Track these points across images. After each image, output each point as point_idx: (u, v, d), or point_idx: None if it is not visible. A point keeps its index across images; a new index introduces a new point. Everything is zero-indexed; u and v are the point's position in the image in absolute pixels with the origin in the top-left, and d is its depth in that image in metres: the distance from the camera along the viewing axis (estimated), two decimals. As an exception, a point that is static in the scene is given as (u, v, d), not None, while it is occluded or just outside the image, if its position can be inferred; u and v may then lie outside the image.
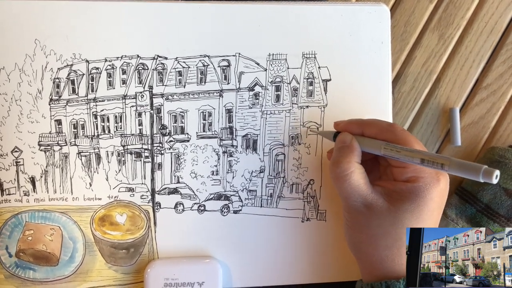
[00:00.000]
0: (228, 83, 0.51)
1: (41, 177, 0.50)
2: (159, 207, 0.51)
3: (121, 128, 0.51)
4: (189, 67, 0.51)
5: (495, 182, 0.36)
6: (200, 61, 0.51)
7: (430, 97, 0.59)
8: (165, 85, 0.51)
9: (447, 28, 0.59)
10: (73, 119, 0.50)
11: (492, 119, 0.58)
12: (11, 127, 0.49)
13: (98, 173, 0.51)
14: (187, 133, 0.51)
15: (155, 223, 0.51)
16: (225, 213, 0.52)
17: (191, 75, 0.51)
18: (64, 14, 0.49)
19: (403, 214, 0.42)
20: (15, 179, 0.50)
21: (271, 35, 0.51)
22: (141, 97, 0.51)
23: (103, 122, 0.51)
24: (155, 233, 0.51)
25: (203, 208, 0.52)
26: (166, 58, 0.51)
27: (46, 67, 0.49)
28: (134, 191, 0.51)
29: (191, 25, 0.51)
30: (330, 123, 0.52)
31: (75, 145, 0.50)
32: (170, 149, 0.51)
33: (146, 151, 0.51)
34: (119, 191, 0.51)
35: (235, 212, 0.52)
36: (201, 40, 0.51)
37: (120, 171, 0.51)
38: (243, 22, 0.51)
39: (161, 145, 0.51)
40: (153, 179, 0.51)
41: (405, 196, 0.43)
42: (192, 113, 0.51)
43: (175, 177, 0.51)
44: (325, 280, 0.53)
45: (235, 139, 0.52)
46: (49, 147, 0.50)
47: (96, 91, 0.50)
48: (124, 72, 0.50)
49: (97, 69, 0.50)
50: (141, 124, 0.51)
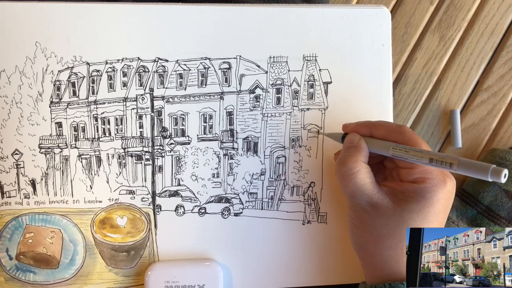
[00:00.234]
0: (229, 86, 0.51)
1: (42, 179, 0.50)
2: (159, 209, 0.51)
3: (121, 130, 0.51)
4: (190, 70, 0.51)
5: (503, 181, 0.36)
6: (201, 63, 0.51)
7: (430, 98, 0.59)
8: (166, 88, 0.51)
9: (447, 29, 0.59)
10: (74, 121, 0.50)
11: (492, 121, 0.58)
12: (11, 130, 0.49)
13: (98, 176, 0.51)
14: (188, 136, 0.51)
15: (155, 226, 0.51)
16: (226, 215, 0.52)
17: (192, 78, 0.51)
18: (64, 16, 0.49)
19: (408, 214, 0.42)
20: (15, 182, 0.50)
21: (272, 38, 0.51)
22: (142, 100, 0.51)
23: (104, 124, 0.50)
24: (156, 235, 0.51)
25: (203, 210, 0.52)
26: (167, 60, 0.51)
27: (46, 70, 0.49)
28: (134, 194, 0.51)
29: (192, 27, 0.51)
30: (331, 125, 0.52)
31: (76, 147, 0.50)
32: (170, 152, 0.51)
33: (146, 154, 0.51)
34: (119, 194, 0.51)
35: (236, 214, 0.52)
36: (202, 42, 0.51)
37: (120, 173, 0.51)
38: (244, 24, 0.51)
39: (161, 148, 0.51)
40: (153, 182, 0.51)
41: (411, 196, 0.43)
42: (192, 116, 0.51)
43: (175, 179, 0.51)
44: (326, 282, 0.53)
45: (236, 142, 0.52)
46: (50, 150, 0.50)
47: (96, 93, 0.50)
48: (124, 74, 0.50)
49: (98, 71, 0.50)
50: (141, 126, 0.51)
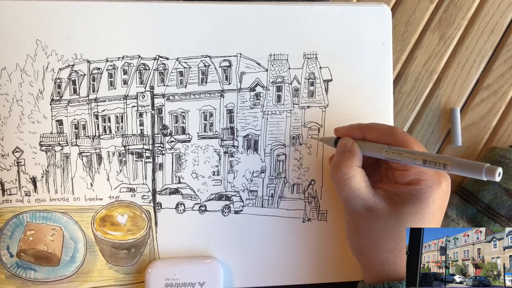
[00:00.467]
0: (229, 84, 0.51)
1: (42, 177, 0.50)
2: (160, 207, 0.51)
3: (122, 128, 0.51)
4: (190, 68, 0.51)
5: (498, 179, 0.36)
6: (201, 61, 0.51)
7: (431, 97, 0.59)
8: (166, 86, 0.51)
9: (448, 28, 0.59)
10: (74, 119, 0.50)
11: (492, 119, 0.58)
12: (12, 128, 0.49)
13: (99, 174, 0.51)
14: (188, 134, 0.51)
15: (156, 223, 0.51)
16: (226, 213, 0.52)
17: (192, 76, 0.51)
18: (65, 14, 0.49)
19: (404, 216, 0.42)
20: (16, 179, 0.50)
21: (272, 36, 0.51)
22: (142, 98, 0.51)
23: (104, 122, 0.51)
24: (156, 233, 0.51)
25: (204, 208, 0.52)
26: (167, 58, 0.51)
27: (47, 68, 0.49)
28: (135, 192, 0.51)
29: (192, 25, 0.51)
30: (331, 123, 0.52)
31: (76, 145, 0.50)
32: (171, 150, 0.51)
33: (147, 152, 0.51)
34: (120, 192, 0.51)
35: (236, 212, 0.52)
36: (202, 40, 0.51)
37: (121, 171, 0.51)
38: (244, 22, 0.51)
39: (162, 146, 0.51)
40: (154, 180, 0.51)
41: (406, 198, 0.43)
42: (193, 114, 0.51)
43: (176, 177, 0.51)
44: (326, 280, 0.53)
45: (236, 140, 0.52)
46: (50, 148, 0.50)
47: (97, 91, 0.50)
48: (125, 72, 0.50)
49: (98, 69, 0.50)
50: (142, 124, 0.51)
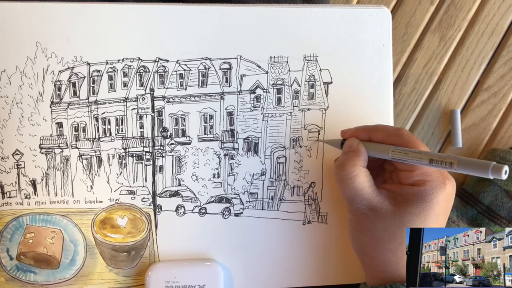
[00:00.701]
0: (229, 86, 0.51)
1: (42, 180, 0.50)
2: (160, 210, 0.51)
3: (122, 130, 0.51)
4: (191, 70, 0.51)
5: (504, 177, 0.36)
6: (201, 63, 0.51)
7: (431, 98, 0.59)
8: (167, 88, 0.51)
9: (448, 29, 0.59)
10: (74, 121, 0.50)
11: (493, 121, 0.58)
12: (12, 130, 0.49)
13: (99, 176, 0.51)
14: (188, 136, 0.51)
15: (156, 226, 0.51)
16: (226, 216, 0.52)
17: (192, 78, 0.51)
18: (65, 16, 0.49)
19: (408, 217, 0.42)
20: (16, 182, 0.50)
21: (273, 38, 0.51)
22: (143, 100, 0.51)
23: (104, 124, 0.50)
24: (156, 236, 0.51)
25: (204, 211, 0.52)
26: (167, 60, 0.51)
27: (47, 70, 0.49)
28: (135, 194, 0.51)
29: (192, 27, 0.51)
30: (331, 125, 0.52)
31: (76, 148, 0.50)
32: (171, 152, 0.51)
33: (147, 154, 0.51)
34: (120, 194, 0.51)
35: (236, 215, 0.52)
36: (202, 42, 0.51)
37: (121, 174, 0.51)
38: (244, 24, 0.51)
39: (162, 148, 0.51)
40: (154, 182, 0.51)
41: (411, 199, 0.43)
42: (193, 116, 0.51)
43: (176, 179, 0.51)
44: (326, 282, 0.53)
45: (236, 142, 0.52)
46: (50, 150, 0.50)
47: (97, 93, 0.50)
48: (125, 74, 0.50)
49: (98, 71, 0.50)
50: (142, 126, 0.51)
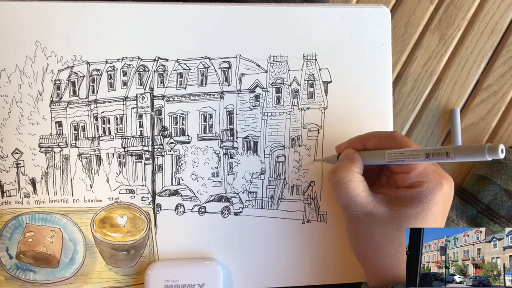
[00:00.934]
0: (228, 85, 0.51)
1: (42, 179, 0.50)
2: (159, 209, 0.51)
3: (121, 130, 0.51)
4: (190, 69, 0.51)
5: (502, 156, 0.35)
6: (201, 62, 0.51)
7: (430, 98, 0.59)
8: (166, 87, 0.51)
9: (447, 28, 0.59)
10: (74, 120, 0.50)
11: (492, 120, 0.58)
12: (11, 129, 0.49)
13: (98, 175, 0.51)
14: (188, 135, 0.51)
15: (155, 225, 0.51)
16: (225, 214, 0.52)
17: (191, 77, 0.51)
18: (64, 15, 0.49)
19: (406, 219, 0.42)
20: (15, 181, 0.50)
21: (272, 37, 0.51)
22: (142, 99, 0.51)
23: (104, 124, 0.50)
24: (156, 234, 0.51)
25: (203, 210, 0.52)
26: (167, 60, 0.51)
27: (46, 69, 0.49)
28: (134, 193, 0.51)
29: (191, 27, 0.51)
30: (331, 125, 0.52)
31: (76, 147, 0.50)
32: (170, 151, 0.51)
33: (146, 153, 0.51)
34: (119, 193, 0.51)
35: (236, 213, 0.52)
36: (201, 41, 0.51)
37: (120, 173, 0.51)
38: (244, 24, 0.51)
39: (161, 147, 0.51)
40: (153, 181, 0.51)
41: (408, 201, 0.42)
42: (192, 115, 0.51)
43: (175, 179, 0.51)
44: (326, 281, 0.53)
45: (236, 141, 0.52)
46: (50, 149, 0.50)
47: (96, 92, 0.50)
48: (124, 73, 0.50)
49: (98, 70, 0.50)
50: (141, 126, 0.51)
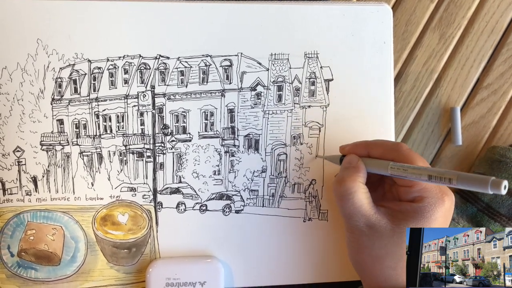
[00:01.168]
0: (230, 83, 0.51)
1: (43, 176, 0.50)
2: (161, 206, 0.51)
3: (123, 128, 0.51)
4: (191, 67, 0.51)
5: (504, 192, 0.36)
6: (202, 60, 0.51)
7: (431, 96, 0.59)
8: (167, 85, 0.51)
9: (448, 27, 0.59)
10: (75, 118, 0.50)
11: (493, 119, 0.58)
12: (13, 127, 0.49)
13: (100, 173, 0.51)
14: (189, 133, 0.51)
15: (157, 223, 0.51)
16: (227, 213, 0.52)
17: (193, 75, 0.51)
18: (66, 13, 0.49)
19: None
20: (17, 179, 0.50)
21: (273, 35, 0.51)
22: (143, 97, 0.51)
23: (105, 121, 0.50)
24: (157, 232, 0.51)
25: (205, 208, 0.52)
26: (168, 57, 0.51)
27: (48, 67, 0.49)
28: (136, 191, 0.51)
29: (193, 25, 0.51)
30: (332, 122, 0.52)
31: (77, 144, 0.50)
32: (172, 149, 0.51)
33: (148, 151, 0.51)
34: (121, 191, 0.51)
35: (237, 212, 0.52)
36: (203, 40, 0.51)
37: (122, 170, 0.51)
38: (245, 22, 0.51)
39: (163, 145, 0.51)
40: (155, 179, 0.51)
41: (410, 216, 0.42)
42: (194, 113, 0.51)
43: (177, 176, 0.51)
44: (326, 280, 0.53)
45: (237, 139, 0.52)
46: (51, 147, 0.50)
47: (98, 90, 0.50)
48: (126, 71, 0.50)
49: (99, 68, 0.50)
50: (143, 123, 0.51)
